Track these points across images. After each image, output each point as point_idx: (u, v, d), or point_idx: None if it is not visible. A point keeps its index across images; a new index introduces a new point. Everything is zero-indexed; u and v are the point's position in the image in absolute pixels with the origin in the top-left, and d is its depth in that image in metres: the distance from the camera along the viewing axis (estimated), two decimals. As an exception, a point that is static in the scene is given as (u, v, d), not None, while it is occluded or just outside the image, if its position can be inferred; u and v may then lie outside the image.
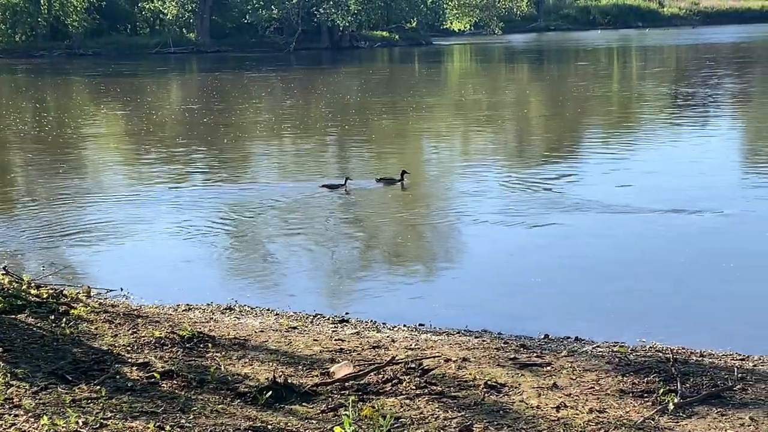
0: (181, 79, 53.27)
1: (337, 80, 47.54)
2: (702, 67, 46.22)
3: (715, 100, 31.80)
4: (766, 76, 43.14)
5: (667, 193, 16.00)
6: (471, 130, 27.21)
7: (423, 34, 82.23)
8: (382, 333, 8.90)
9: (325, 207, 16.45)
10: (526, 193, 16.75)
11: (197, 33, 76.30)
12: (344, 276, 12.27)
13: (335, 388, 6.84)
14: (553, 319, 9.96)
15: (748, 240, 12.99)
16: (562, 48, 70.30)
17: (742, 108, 30.05)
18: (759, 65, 49.39)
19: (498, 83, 44.37)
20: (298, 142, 25.79)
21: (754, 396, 6.68)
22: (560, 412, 6.38)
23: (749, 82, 39.87)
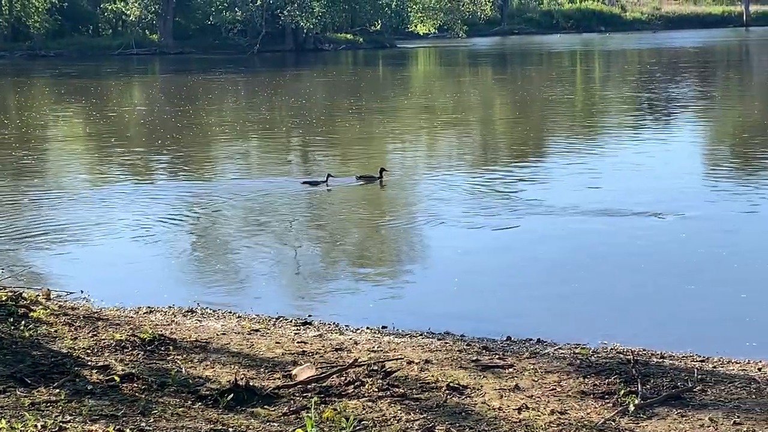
0: (143, 80, 52.96)
1: (301, 82, 47.46)
2: (663, 71, 46.60)
3: (677, 104, 32.07)
4: (727, 79, 43.58)
5: (630, 196, 16.10)
6: (436, 132, 27.27)
7: (387, 37, 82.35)
8: (345, 335, 8.88)
9: (291, 207, 16.43)
10: (490, 196, 16.81)
11: (160, 34, 75.93)
12: (308, 278, 12.24)
13: (297, 390, 6.82)
14: (516, 321, 9.99)
15: (709, 242, 13.09)
16: (526, 51, 70.64)
17: (703, 111, 30.33)
18: (719, 69, 49.91)
19: (463, 86, 44.50)
20: (262, 143, 25.74)
21: (713, 397, 6.73)
22: (522, 414, 6.40)
23: (710, 85, 40.27)
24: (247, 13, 73.15)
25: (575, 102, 35.70)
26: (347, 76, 53.32)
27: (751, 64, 53.80)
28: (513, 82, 44.92)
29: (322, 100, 38.09)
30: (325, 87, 44.76)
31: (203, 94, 40.71)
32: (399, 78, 51.32)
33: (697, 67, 49.32)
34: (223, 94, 41.62)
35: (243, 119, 31.35)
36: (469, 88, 43.27)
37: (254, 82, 48.00)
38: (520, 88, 40.95)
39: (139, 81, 52.08)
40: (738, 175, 18.26)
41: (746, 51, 66.36)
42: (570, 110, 32.55)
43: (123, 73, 55.82)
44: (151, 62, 65.74)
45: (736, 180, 17.72)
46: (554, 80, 44.85)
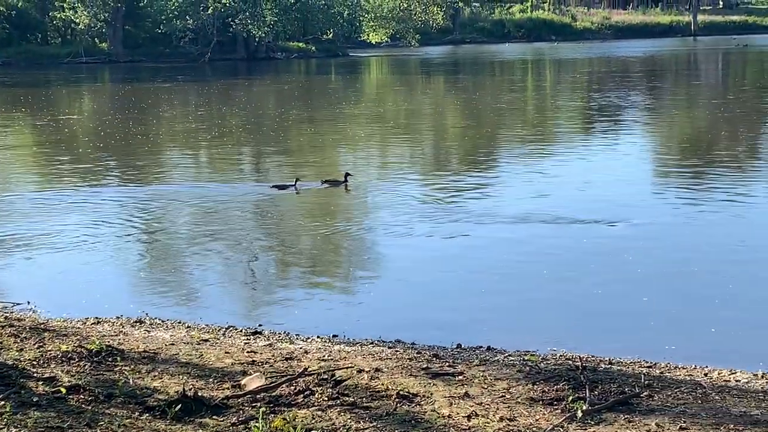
0: (93, 89, 52.48)
1: (253, 91, 47.32)
2: (612, 80, 47.06)
3: (626, 113, 32.39)
4: (675, 88, 44.10)
5: (579, 204, 16.24)
6: (388, 141, 27.30)
7: (340, 46, 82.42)
8: (295, 344, 8.85)
9: (243, 215, 16.40)
10: (442, 204, 16.86)
11: (110, 43, 75.34)
12: (259, 287, 12.19)
13: (246, 400, 6.78)
14: (467, 328, 10.01)
15: (657, 250, 13.22)
16: (478, 60, 71.01)
17: (651, 120, 30.66)
18: (667, 78, 50.50)
19: (415, 95, 44.62)
20: (212, 151, 25.61)
21: (660, 402, 6.79)
22: (471, 421, 6.41)
23: (658, 94, 40.73)
24: (198, 21, 72.83)
25: (526, 110, 35.94)
26: (299, 84, 53.23)
27: (699, 74, 54.51)
28: (465, 90, 45.11)
29: (274, 109, 37.99)
30: (277, 95, 44.65)
31: (153, 103, 40.42)
32: (351, 86, 51.34)
33: (645, 77, 49.87)
34: (174, 103, 41.36)
35: (194, 128, 31.16)
36: (421, 97, 43.40)
37: (205, 91, 47.74)
38: (472, 97, 41.13)
39: (87, 90, 51.58)
40: (685, 184, 18.46)
41: (694, 60, 67.23)
42: (521, 119, 32.76)
43: (72, 81, 55.28)
44: (101, 71, 65.18)
45: (683, 188, 17.92)
46: (505, 89, 45.14)
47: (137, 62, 71.30)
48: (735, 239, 13.64)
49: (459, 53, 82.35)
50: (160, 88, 48.34)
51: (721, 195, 16.78)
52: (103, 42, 76.30)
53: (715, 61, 64.85)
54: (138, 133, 29.19)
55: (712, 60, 66.36)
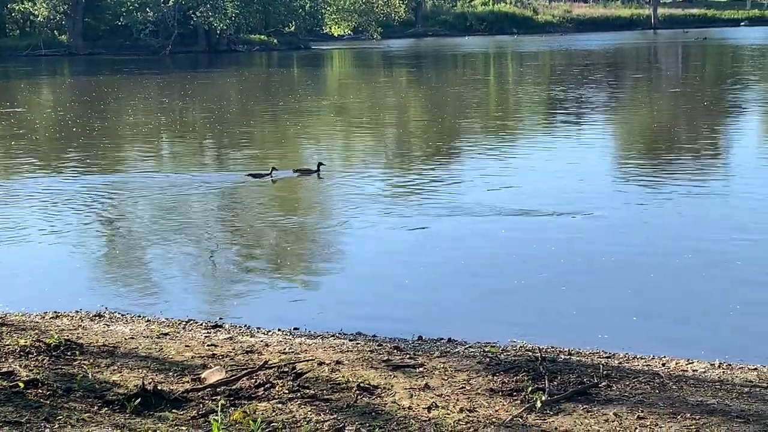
0: (52, 82, 52.00)
1: (214, 83, 47.10)
2: (575, 73, 47.32)
3: (588, 106, 32.60)
4: (635, 81, 44.41)
5: (541, 196, 16.31)
6: (351, 134, 27.30)
7: (302, 39, 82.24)
8: (256, 337, 8.83)
9: (205, 207, 16.35)
10: (404, 197, 16.89)
11: (69, 35, 74.69)
12: (220, 280, 12.14)
13: (206, 393, 6.76)
14: (428, 320, 10.05)
15: (618, 242, 13.31)
16: (440, 53, 71.12)
17: (613, 113, 30.87)
18: (628, 71, 50.85)
19: (377, 88, 44.61)
20: (173, 143, 25.48)
21: (618, 392, 6.85)
22: (431, 413, 6.43)
23: (619, 87, 41.01)
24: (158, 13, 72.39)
25: (489, 103, 36.04)
26: (261, 77, 53.04)
27: (659, 66, 54.93)
28: (427, 83, 45.17)
29: (236, 101, 37.85)
30: (239, 88, 44.47)
31: (114, 96, 40.12)
32: (313, 79, 51.24)
33: (606, 70, 50.18)
34: (135, 96, 41.07)
35: (155, 120, 30.97)
36: (383, 90, 43.40)
37: (166, 83, 47.45)
38: (435, 90, 41.19)
39: (47, 82, 51.10)
40: (647, 176, 18.61)
41: (654, 53, 67.73)
42: (483, 111, 32.85)
43: (31, 74, 54.72)
44: (60, 63, 64.61)
45: (644, 180, 18.06)
46: (468, 82, 45.24)
47: (97, 55, 70.75)
48: (694, 231, 13.77)
49: (421, 46, 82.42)
50: (121, 81, 47.98)
51: (681, 187, 16.92)
52: (63, 34, 75.63)
53: (675, 54, 65.37)
54: (98, 126, 28.97)
55: (672, 53, 66.90)
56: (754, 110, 30.85)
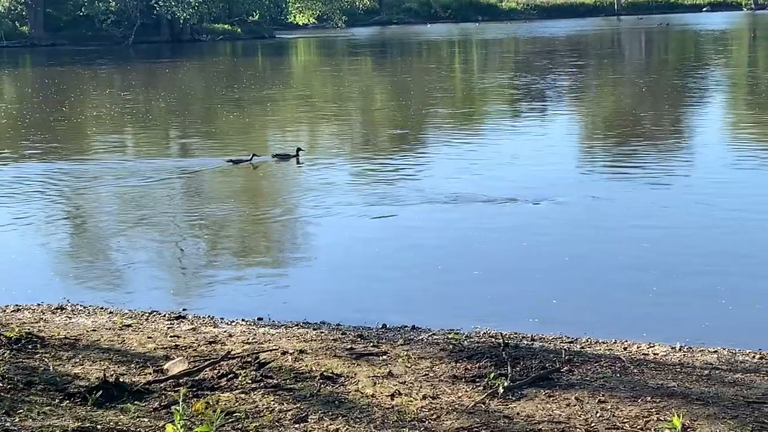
0: (14, 73, 51.48)
1: (178, 73, 46.80)
2: (539, 60, 47.46)
3: (553, 92, 32.70)
4: (600, 68, 44.58)
5: (506, 183, 16.34)
6: (317, 123, 27.23)
7: (266, 28, 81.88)
8: (219, 328, 8.80)
9: (169, 196, 16.28)
10: (370, 185, 16.88)
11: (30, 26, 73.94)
12: (184, 270, 12.09)
13: (169, 385, 6.74)
14: (393, 308, 10.05)
15: (581, 228, 13.38)
16: (405, 41, 71.07)
17: (578, 100, 30.99)
18: (593, 58, 51.04)
19: (342, 76, 44.51)
20: (138, 135, 25.30)
21: (579, 377, 6.89)
22: (395, 400, 6.45)
23: (584, 74, 41.14)
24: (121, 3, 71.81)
25: (454, 91, 36.07)
26: (225, 66, 52.78)
27: (623, 53, 55.18)
28: (393, 71, 45.14)
29: (200, 91, 37.66)
30: (203, 78, 44.25)
31: (76, 87, 39.78)
32: (278, 68, 51.06)
33: (571, 56, 50.34)
34: (98, 86, 40.74)
35: (119, 111, 30.74)
36: (348, 78, 43.31)
37: (130, 74, 47.11)
38: (400, 78, 41.17)
39: (9, 74, 50.58)
40: (610, 162, 18.71)
41: (618, 40, 68.03)
42: (448, 99, 32.86)
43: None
44: (22, 55, 63.98)
45: (608, 167, 18.17)
46: (433, 70, 45.23)
47: (59, 46, 70.11)
48: (656, 217, 13.85)
49: (386, 34, 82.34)
50: (83, 72, 47.58)
51: (645, 173, 17.02)
52: (24, 26, 74.85)
53: (638, 41, 65.69)
54: (61, 117, 28.72)
55: (636, 39, 67.22)
56: (715, 95, 31.10)
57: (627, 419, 6.02)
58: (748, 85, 33.64)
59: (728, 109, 27.87)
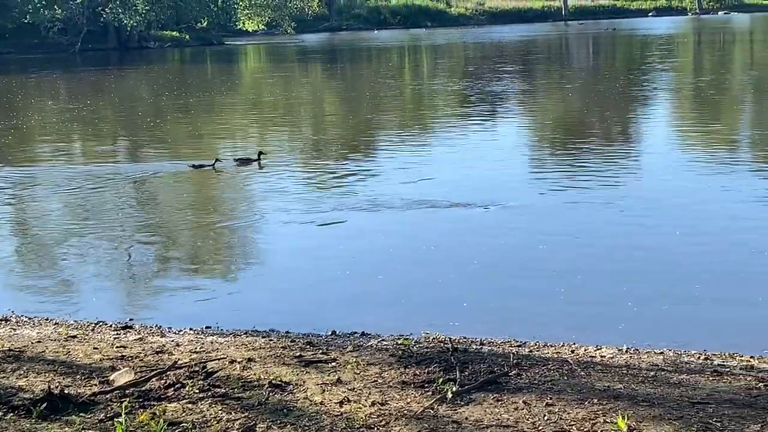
0: (-42, 81, 50.74)
1: (126, 81, 46.44)
2: (489, 65, 47.71)
3: (503, 97, 32.87)
4: (548, 72, 44.94)
5: (455, 188, 16.40)
6: (267, 129, 27.13)
7: (214, 34, 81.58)
8: (167, 337, 8.72)
9: (122, 204, 16.14)
10: (320, 191, 16.86)
11: (-25, 34, 72.95)
12: (132, 279, 11.97)
13: (115, 396, 6.66)
14: (342, 315, 10.02)
15: (530, 230, 13.45)
16: (355, 47, 71.13)
17: (527, 104, 31.19)
18: (541, 62, 51.44)
19: (292, 82, 44.42)
20: (86, 144, 25.04)
21: (528, 380, 6.92)
22: (343, 407, 6.43)
23: (533, 78, 41.45)
24: (67, 11, 71.11)
25: (403, 96, 36.13)
26: (174, 74, 52.45)
27: (571, 58, 55.68)
28: (343, 77, 45.16)
29: (147, 99, 37.38)
30: (151, 85, 43.92)
31: (22, 95, 39.30)
32: (227, 75, 50.84)
33: (520, 61, 50.69)
34: (44, 94, 40.29)
35: (65, 119, 30.42)
36: (299, 85, 43.24)
37: (77, 82, 46.65)
38: (350, 84, 41.19)
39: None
40: (559, 165, 18.84)
41: (566, 45, 68.63)
42: (399, 105, 32.92)
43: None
44: (-34, 63, 63.06)
45: (557, 170, 18.28)
46: (383, 76, 45.31)
47: (4, 54, 69.24)
48: (604, 218, 13.97)
49: (336, 40, 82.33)
50: (29, 80, 47.04)
51: (592, 176, 17.16)
52: (-32, 34, 73.87)
53: (586, 46, 66.32)
54: (6, 124, 28.34)
55: (584, 44, 67.85)
56: (662, 98, 31.48)
57: (574, 422, 6.06)
58: (693, 89, 34.08)
59: (673, 113, 28.21)
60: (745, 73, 40.73)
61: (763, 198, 14.89)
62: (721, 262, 11.56)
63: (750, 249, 11.99)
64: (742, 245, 12.20)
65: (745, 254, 11.81)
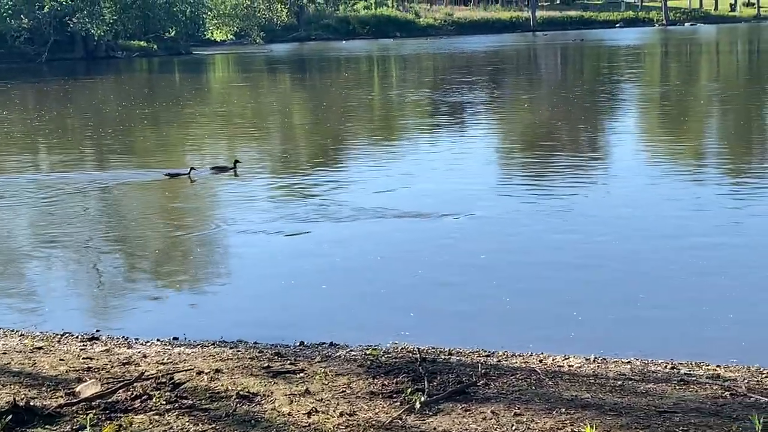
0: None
1: (93, 90, 46.17)
2: (457, 75, 47.85)
3: (471, 107, 32.97)
4: (516, 82, 45.14)
5: (423, 198, 16.42)
6: (235, 139, 27.05)
7: (183, 44, 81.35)
8: (134, 349, 8.67)
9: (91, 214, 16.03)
10: (289, 202, 16.81)
11: (-60, 43, 72.32)
12: (99, 290, 11.88)
13: (81, 408, 6.61)
14: (311, 325, 9.99)
15: (498, 240, 13.47)
16: (324, 57, 71.13)
17: (496, 114, 31.29)
18: (509, 72, 51.67)
19: (261, 92, 44.35)
20: (53, 155, 24.85)
21: (496, 390, 6.93)
22: (312, 418, 6.41)
23: (501, 88, 41.63)
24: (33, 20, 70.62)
25: (372, 107, 36.17)
26: (141, 83, 52.22)
27: (539, 68, 55.97)
28: (311, 87, 45.13)
29: (115, 108, 37.17)
30: (119, 95, 43.69)
31: (-12, 105, 38.97)
32: (196, 85, 50.68)
33: (488, 72, 50.87)
34: (9, 104, 39.96)
35: (32, 129, 30.19)
36: (266, 95, 43.17)
37: (43, 91, 46.31)
38: (319, 94, 41.17)
39: None
40: (527, 176, 18.91)
41: (534, 55, 68.99)
42: (368, 115, 32.95)
43: None
44: (-68, 72, 62.47)
45: (525, 180, 18.35)
46: (351, 86, 45.33)
47: (-29, 64, 68.71)
48: (572, 228, 14.03)
49: (304, 50, 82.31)
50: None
51: (561, 186, 17.24)
52: (-67, 43, 73.21)
53: (554, 56, 66.71)
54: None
55: (551, 54, 68.24)
56: (627, 109, 31.70)
57: (542, 431, 6.07)
58: (658, 100, 34.34)
59: (639, 124, 28.39)
60: (710, 83, 41.11)
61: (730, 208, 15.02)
62: (688, 272, 11.62)
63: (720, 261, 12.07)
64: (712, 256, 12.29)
65: (713, 265, 11.89)
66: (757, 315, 10.05)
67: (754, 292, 10.82)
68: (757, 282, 11.16)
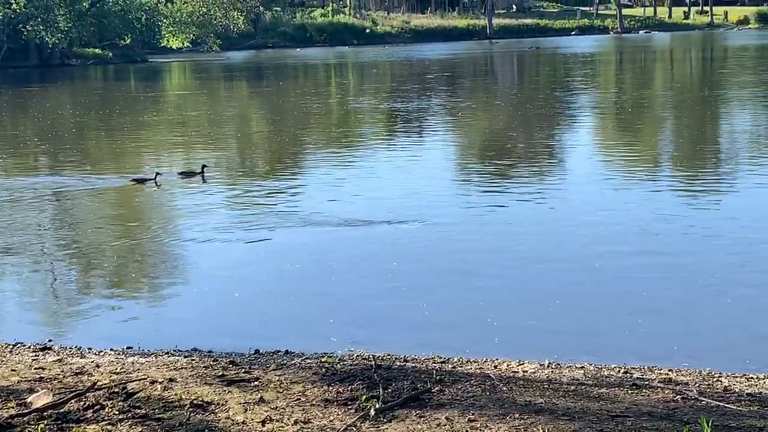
0: None
1: (47, 99, 45.74)
2: (414, 83, 47.96)
3: (428, 115, 33.06)
4: (473, 90, 45.34)
5: (380, 205, 16.44)
6: (192, 147, 26.90)
7: (138, 52, 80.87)
8: (87, 358, 8.59)
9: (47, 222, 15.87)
10: (245, 209, 16.75)
11: None
12: (53, 300, 11.77)
13: (33, 418, 6.54)
14: (266, 333, 9.97)
15: (454, 247, 13.52)
16: (281, 65, 71.02)
17: (452, 122, 31.38)
18: (466, 80, 51.89)
19: (217, 100, 44.19)
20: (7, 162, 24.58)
21: (450, 396, 6.94)
22: (266, 426, 6.39)
23: (458, 96, 41.78)
24: (-14, 27, 69.93)
25: (330, 114, 36.15)
26: (96, 91, 51.84)
27: (496, 75, 56.27)
28: (268, 95, 45.02)
29: (70, 117, 36.84)
30: (73, 103, 43.32)
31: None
32: (151, 93, 50.38)
33: (445, 79, 51.04)
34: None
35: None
36: (223, 102, 43.01)
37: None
38: (275, 101, 41.08)
39: None
40: (483, 183, 18.98)
41: (490, 62, 69.35)
42: (325, 122, 32.93)
43: None
44: None
45: (481, 187, 18.42)
46: (309, 93, 45.29)
47: None
48: (527, 234, 14.11)
49: (261, 57, 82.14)
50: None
51: (517, 192, 17.34)
52: None
53: (510, 63, 67.11)
54: None
55: (508, 62, 68.63)
56: (584, 115, 31.95)
57: (496, 437, 6.10)
58: (614, 106, 34.66)
59: (596, 129, 28.62)
60: (664, 90, 41.55)
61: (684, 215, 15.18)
62: (641, 278, 11.72)
63: (674, 267, 12.19)
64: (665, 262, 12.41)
65: (667, 271, 12.00)
66: (709, 320, 10.17)
67: (706, 297, 10.94)
68: (710, 287, 11.28)
